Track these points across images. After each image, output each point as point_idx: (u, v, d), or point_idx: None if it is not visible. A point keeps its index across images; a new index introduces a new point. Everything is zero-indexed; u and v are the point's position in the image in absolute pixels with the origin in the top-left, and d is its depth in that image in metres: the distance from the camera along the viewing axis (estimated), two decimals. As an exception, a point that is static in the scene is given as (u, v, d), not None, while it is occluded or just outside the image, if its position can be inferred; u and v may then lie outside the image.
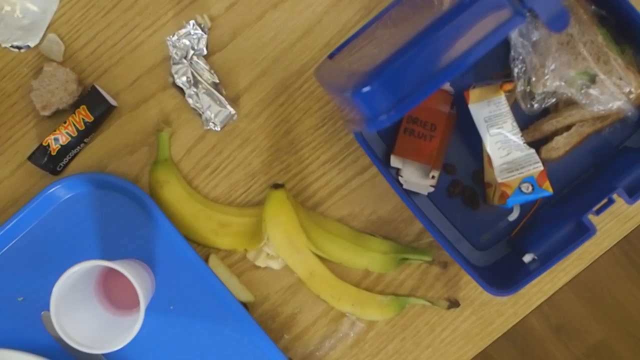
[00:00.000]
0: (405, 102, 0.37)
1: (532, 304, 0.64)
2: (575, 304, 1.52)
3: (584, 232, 0.55)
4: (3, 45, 0.64)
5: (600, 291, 1.52)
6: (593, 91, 0.55)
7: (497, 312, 0.64)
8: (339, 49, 0.54)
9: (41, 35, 0.63)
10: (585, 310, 1.52)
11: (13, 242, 0.64)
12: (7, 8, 0.63)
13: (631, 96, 0.55)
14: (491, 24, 0.37)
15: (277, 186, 0.61)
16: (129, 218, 0.63)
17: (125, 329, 0.57)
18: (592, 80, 0.55)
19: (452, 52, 0.37)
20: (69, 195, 0.63)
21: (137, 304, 0.61)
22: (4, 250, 0.64)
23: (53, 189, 0.62)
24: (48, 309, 0.63)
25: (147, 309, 0.58)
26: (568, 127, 0.58)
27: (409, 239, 0.63)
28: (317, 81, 0.57)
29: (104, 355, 0.64)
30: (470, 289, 0.63)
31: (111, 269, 0.61)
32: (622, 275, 1.51)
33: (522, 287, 0.56)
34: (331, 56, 0.55)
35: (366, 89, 0.38)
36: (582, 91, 0.55)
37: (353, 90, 0.39)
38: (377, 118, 0.38)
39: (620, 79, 0.55)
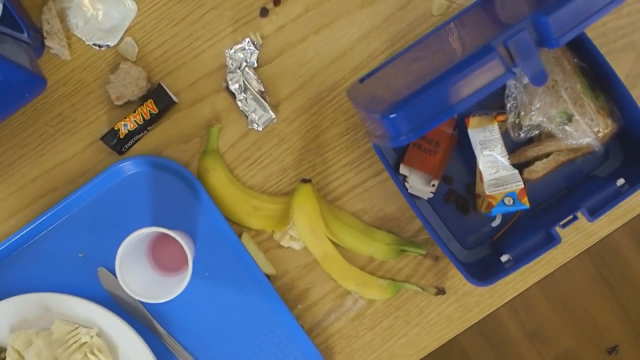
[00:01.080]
0: (421, 128, 0.50)
1: (505, 298, 0.76)
2: (550, 313, 1.65)
3: (551, 240, 0.67)
4: (87, 43, 0.76)
5: (574, 304, 1.65)
6: (569, 128, 0.68)
7: (475, 302, 0.77)
8: (368, 75, 0.67)
9: (119, 37, 0.76)
10: (558, 320, 1.65)
11: (80, 206, 0.76)
12: (92, 12, 0.76)
13: (599, 135, 0.68)
14: (491, 76, 0.50)
15: (305, 181, 0.73)
16: (179, 196, 0.76)
17: (171, 286, 0.70)
18: (569, 119, 0.68)
19: (460, 93, 0.50)
20: (130, 173, 0.76)
21: (179, 267, 0.74)
22: (71, 213, 0.76)
23: (119, 166, 0.75)
24: (104, 266, 0.76)
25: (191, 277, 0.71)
26: (547, 155, 0.71)
27: (409, 235, 0.76)
28: (348, 99, 0.70)
29: (148, 310, 0.76)
30: (456, 280, 0.76)
31: (161, 237, 0.74)
32: (595, 291, 1.64)
33: (497, 280, 0.68)
34: (361, 80, 0.67)
35: (393, 115, 0.51)
36: (560, 127, 0.68)
37: (382, 114, 0.52)
38: (399, 138, 0.51)
39: (592, 120, 0.68)
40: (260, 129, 0.75)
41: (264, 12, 0.75)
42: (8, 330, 0.76)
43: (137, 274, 0.70)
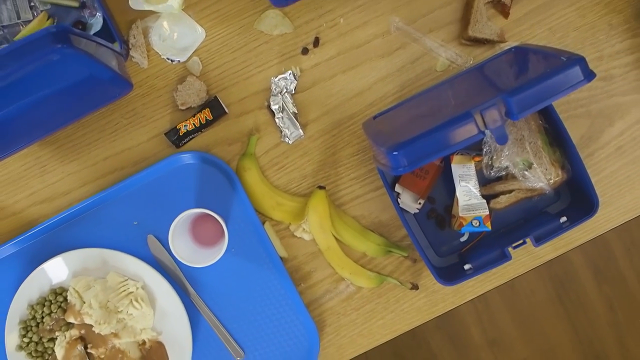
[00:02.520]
0: (416, 164, 0.70)
1: (465, 298, 0.97)
2: (510, 325, 1.85)
3: (504, 258, 0.88)
4: (162, 56, 0.96)
5: (532, 320, 1.85)
6: (528, 173, 0.88)
7: (441, 299, 0.97)
8: (380, 114, 0.87)
9: (188, 55, 0.96)
10: (517, 332, 1.85)
11: (140, 185, 0.96)
12: (169, 33, 0.95)
13: (551, 182, 0.88)
14: (468, 134, 0.70)
15: (320, 187, 0.93)
16: (219, 187, 0.95)
17: (207, 256, 0.90)
18: (529, 166, 0.88)
19: (446, 142, 0.70)
20: (184, 163, 0.95)
21: (214, 242, 0.94)
22: (132, 189, 0.96)
23: (176, 157, 0.95)
24: (153, 234, 0.96)
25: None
26: (510, 191, 0.91)
27: (396, 239, 0.96)
28: (362, 129, 0.90)
29: (183, 273, 0.96)
30: (428, 279, 0.96)
31: (203, 216, 0.93)
32: (552, 310, 1.85)
33: (459, 283, 0.89)
34: (375, 117, 0.88)
35: (395, 152, 0.70)
36: (522, 172, 0.88)
37: (387, 149, 0.72)
38: (398, 169, 0.71)
39: (546, 169, 0.88)
40: (290, 142, 0.95)
41: (305, 51, 0.95)
42: (71, 275, 0.96)
43: (182, 244, 0.90)
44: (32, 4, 0.95)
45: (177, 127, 0.94)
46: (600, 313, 1.83)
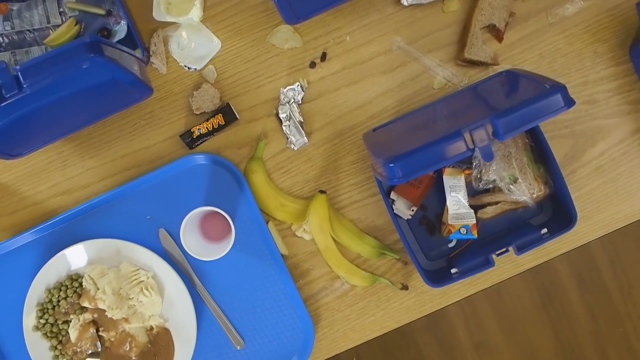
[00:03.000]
0: (410, 175, 0.77)
1: (450, 300, 1.04)
2: (496, 329, 1.93)
3: (488, 264, 0.95)
4: (180, 64, 1.03)
5: (517, 325, 1.93)
6: (513, 187, 0.96)
7: (429, 299, 1.04)
8: (380, 127, 0.95)
9: (204, 64, 1.03)
10: (502, 336, 1.93)
11: (154, 182, 1.03)
12: (188, 42, 1.03)
13: (534, 196, 0.96)
14: (458, 151, 0.77)
15: (322, 192, 1.01)
16: (228, 187, 1.03)
17: (215, 250, 0.97)
18: (515, 181, 0.96)
19: (438, 157, 0.78)
20: (196, 164, 1.03)
21: (220, 238, 1.02)
22: (147, 185, 1.03)
23: (189, 157, 1.02)
24: (164, 227, 1.03)
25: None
26: (496, 203, 0.99)
27: (389, 242, 1.04)
28: (362, 140, 0.97)
29: (190, 265, 1.04)
30: (417, 281, 1.04)
31: (211, 214, 1.01)
32: (536, 317, 1.93)
33: (446, 285, 0.96)
34: (374, 130, 0.95)
35: (392, 164, 0.78)
36: (507, 186, 0.96)
37: (384, 161, 0.80)
38: (393, 179, 0.78)
39: (530, 184, 0.96)
40: (295, 148, 1.02)
41: (313, 65, 1.03)
42: (87, 263, 1.03)
43: (192, 239, 0.98)
44: (62, 10, 1.02)
45: (191, 130, 1.02)
46: (582, 321, 1.91)
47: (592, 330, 1.91)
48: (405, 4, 1.00)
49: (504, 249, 0.96)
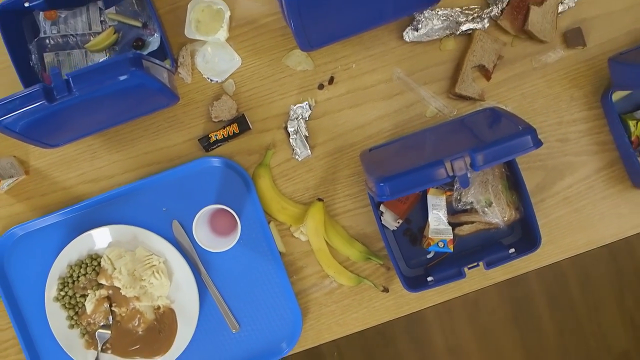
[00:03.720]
0: (397, 194, 0.91)
1: (425, 303, 1.17)
2: (471, 337, 2.06)
3: (460, 275, 1.09)
4: (203, 75, 1.16)
5: (490, 335, 2.06)
6: (488, 210, 1.09)
7: (406, 302, 1.17)
8: (375, 148, 1.08)
9: (225, 78, 1.16)
10: (475, 344, 2.06)
11: (172, 178, 1.15)
12: (212, 57, 1.16)
13: (505, 219, 1.09)
14: (439, 177, 0.91)
15: (320, 199, 1.14)
16: (237, 188, 1.16)
17: (222, 243, 1.10)
18: (490, 204, 1.09)
19: (424, 180, 0.91)
20: (210, 165, 1.16)
21: (226, 233, 1.14)
22: (165, 181, 1.15)
23: (205, 159, 1.15)
24: (177, 219, 1.16)
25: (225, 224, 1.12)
26: (472, 222, 1.12)
27: (375, 249, 1.17)
28: (359, 159, 1.11)
29: (198, 254, 1.17)
30: (397, 285, 1.17)
31: (220, 211, 1.13)
32: (508, 329, 2.06)
33: (422, 290, 1.10)
34: (370, 150, 1.09)
35: (382, 184, 0.91)
36: (483, 208, 1.09)
37: (376, 180, 0.93)
38: (383, 197, 0.92)
39: (503, 209, 1.09)
40: (299, 159, 1.16)
41: (321, 86, 1.16)
42: (106, 245, 1.16)
43: (202, 232, 1.11)
44: (102, 19, 1.15)
45: (209, 135, 1.14)
46: (551, 336, 2.04)
47: (559, 346, 2.05)
48: (407, 40, 1.13)
49: (475, 264, 1.09)
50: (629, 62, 1.05)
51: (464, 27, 1.12)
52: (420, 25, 1.11)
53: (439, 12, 1.11)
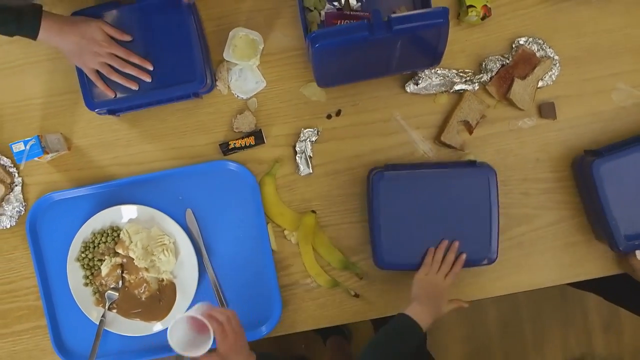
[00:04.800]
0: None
1: (388, 312, 1.38)
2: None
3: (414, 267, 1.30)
4: (232, 91, 1.36)
5: (442, 350, 2.26)
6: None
7: (371, 308, 1.37)
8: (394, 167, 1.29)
9: (250, 96, 1.36)
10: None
11: (191, 173, 1.35)
12: (241, 77, 1.36)
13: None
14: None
15: (313, 211, 1.35)
16: (245, 190, 1.35)
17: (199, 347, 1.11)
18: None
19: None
20: (225, 168, 1.35)
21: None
22: (185, 174, 1.35)
23: (222, 162, 1.35)
24: (191, 208, 1.36)
25: (231, 235, 1.32)
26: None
27: (353, 260, 1.37)
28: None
29: (204, 241, 1.36)
30: (366, 293, 1.37)
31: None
32: (459, 348, 2.27)
33: (390, 269, 1.30)
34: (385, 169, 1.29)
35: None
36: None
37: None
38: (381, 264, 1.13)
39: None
40: (301, 175, 1.36)
41: (329, 116, 1.36)
42: (127, 220, 1.36)
43: (178, 332, 1.08)
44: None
45: (228, 142, 1.35)
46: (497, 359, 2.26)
47: (503, 369, 2.27)
48: (408, 90, 1.34)
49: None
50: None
51: (457, 87, 1.33)
52: (420, 81, 1.32)
53: (438, 72, 1.32)
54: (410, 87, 1.33)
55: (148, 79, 1.25)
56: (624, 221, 1.25)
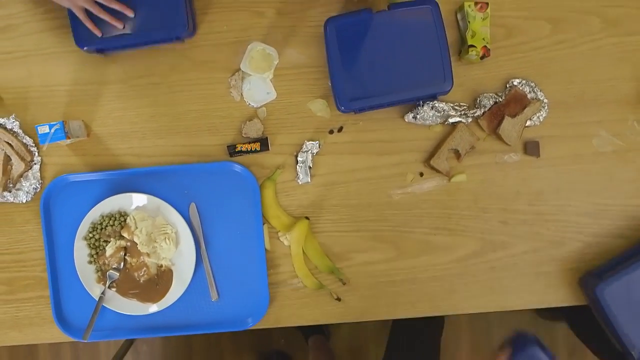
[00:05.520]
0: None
1: (366, 317, 1.49)
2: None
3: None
4: (244, 99, 1.47)
5: None
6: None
7: (349, 312, 1.49)
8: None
9: (260, 105, 1.46)
10: None
11: (198, 170, 1.45)
12: (253, 87, 1.46)
13: (441, 270, 1.42)
14: None
15: (307, 217, 1.46)
16: (246, 191, 1.46)
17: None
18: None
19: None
20: (230, 169, 1.46)
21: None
22: (192, 171, 1.46)
23: (228, 163, 1.46)
24: (195, 202, 1.47)
25: (229, 231, 1.43)
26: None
27: (339, 266, 1.48)
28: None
29: (203, 234, 1.47)
30: (348, 298, 1.48)
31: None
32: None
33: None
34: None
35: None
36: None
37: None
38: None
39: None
40: (299, 183, 1.47)
41: (331, 132, 1.47)
42: (134, 207, 1.47)
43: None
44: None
45: (236, 145, 1.45)
46: (465, 374, 2.38)
47: (471, 383, 2.38)
48: (406, 120, 1.45)
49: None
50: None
51: (451, 120, 1.45)
52: (418, 113, 1.43)
53: (436, 105, 1.43)
54: (408, 117, 1.44)
55: (131, 14, 1.38)
56: (637, 337, 1.36)
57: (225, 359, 2.35)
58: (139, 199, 1.46)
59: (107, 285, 1.46)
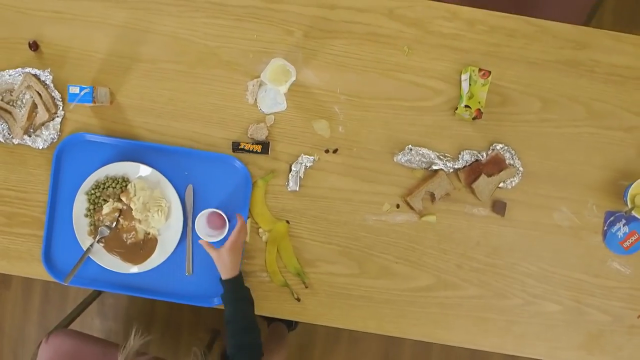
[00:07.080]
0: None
1: (318, 320, 1.65)
2: (341, 364, 2.52)
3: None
4: (257, 104, 1.62)
5: (356, 369, 2.52)
6: (386, 285, 1.57)
7: (304, 314, 1.64)
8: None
9: (270, 112, 1.62)
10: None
11: (202, 157, 1.60)
12: (268, 95, 1.62)
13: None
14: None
15: (287, 221, 1.61)
16: (239, 186, 1.61)
17: (216, 236, 1.55)
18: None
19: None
20: (231, 163, 1.61)
21: (219, 228, 1.60)
22: (196, 156, 1.61)
23: (230, 158, 1.61)
24: (192, 183, 1.62)
25: (218, 223, 1.59)
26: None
27: (306, 271, 1.64)
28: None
29: (193, 217, 1.62)
30: (307, 299, 1.64)
31: (215, 213, 1.59)
32: (372, 372, 2.53)
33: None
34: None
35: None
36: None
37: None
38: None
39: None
40: (288, 189, 1.62)
41: (327, 151, 1.63)
42: (137, 176, 1.61)
43: (200, 223, 1.55)
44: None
45: (240, 143, 1.61)
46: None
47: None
48: (395, 160, 1.61)
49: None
50: None
51: (434, 167, 1.61)
52: (406, 155, 1.59)
53: (422, 151, 1.60)
54: (397, 158, 1.61)
55: None
56: None
57: (183, 329, 2.50)
58: (143, 170, 1.61)
59: (96, 239, 1.61)
